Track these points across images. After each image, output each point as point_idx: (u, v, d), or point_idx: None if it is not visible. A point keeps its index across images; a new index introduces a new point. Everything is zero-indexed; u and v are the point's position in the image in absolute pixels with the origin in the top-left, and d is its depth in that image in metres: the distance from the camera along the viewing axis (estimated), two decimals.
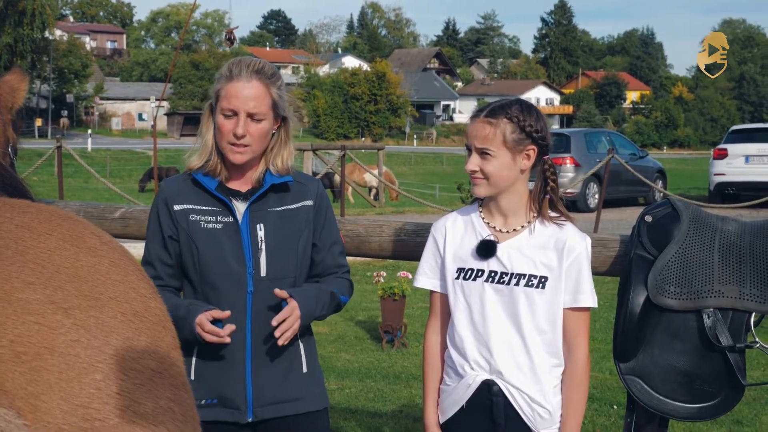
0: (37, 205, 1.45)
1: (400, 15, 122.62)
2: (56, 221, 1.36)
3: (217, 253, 2.55)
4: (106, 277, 1.29)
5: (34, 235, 1.29)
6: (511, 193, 2.52)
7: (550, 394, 2.51)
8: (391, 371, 6.71)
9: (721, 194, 19.46)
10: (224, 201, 2.58)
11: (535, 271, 2.47)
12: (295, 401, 2.60)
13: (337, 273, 2.72)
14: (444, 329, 2.65)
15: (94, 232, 1.39)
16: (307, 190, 2.68)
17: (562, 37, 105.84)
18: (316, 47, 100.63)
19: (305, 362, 2.64)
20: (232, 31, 14.86)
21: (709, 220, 2.70)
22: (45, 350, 1.13)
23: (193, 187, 2.62)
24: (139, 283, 1.34)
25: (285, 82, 2.73)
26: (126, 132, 65.63)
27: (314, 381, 2.66)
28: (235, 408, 2.55)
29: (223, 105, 2.54)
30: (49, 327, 1.16)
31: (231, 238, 2.56)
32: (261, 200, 2.61)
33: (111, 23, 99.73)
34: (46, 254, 1.26)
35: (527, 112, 2.48)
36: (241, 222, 2.58)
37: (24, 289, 1.19)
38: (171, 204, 2.60)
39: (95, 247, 1.34)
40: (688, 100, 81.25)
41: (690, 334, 2.61)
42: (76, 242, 1.32)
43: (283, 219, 2.61)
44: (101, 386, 1.15)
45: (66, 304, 1.20)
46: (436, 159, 46.49)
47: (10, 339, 1.13)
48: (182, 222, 2.58)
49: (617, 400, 5.77)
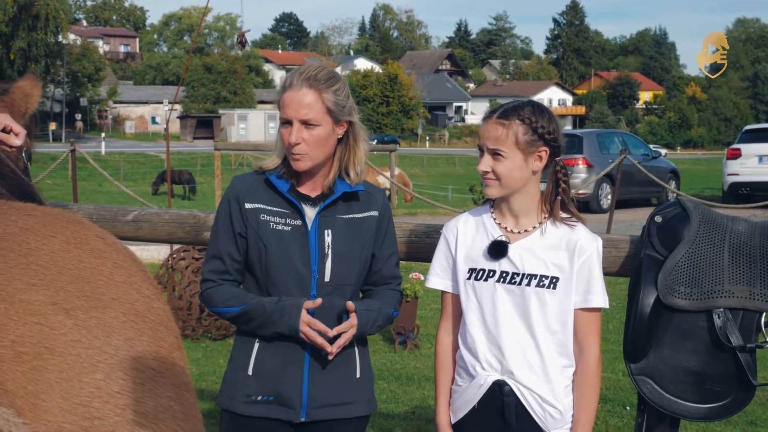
0: (43, 208, 1.47)
1: (412, 17, 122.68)
2: (61, 224, 1.38)
3: (284, 255, 2.59)
4: (108, 278, 1.30)
5: (39, 237, 1.31)
6: (522, 194, 2.52)
7: (561, 395, 2.51)
8: (403, 372, 6.72)
9: (735, 194, 19.35)
10: (295, 204, 2.62)
11: (547, 271, 2.48)
12: (346, 405, 2.64)
13: (392, 284, 2.77)
14: (456, 329, 2.66)
15: (99, 235, 1.41)
16: (374, 200, 2.72)
17: (574, 38, 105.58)
18: (328, 49, 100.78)
19: (359, 368, 2.68)
20: (244, 34, 14.95)
21: (719, 220, 2.70)
22: (46, 350, 1.15)
23: (265, 187, 2.66)
24: (142, 284, 1.35)
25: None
26: (139, 135, 65.88)
27: (365, 387, 2.71)
28: (290, 407, 2.58)
29: (281, 115, 2.62)
30: (50, 327, 1.18)
31: (299, 242, 2.59)
32: (330, 207, 2.64)
33: (124, 27, 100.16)
34: (49, 256, 1.28)
35: (539, 113, 2.49)
36: (311, 227, 2.61)
37: (27, 291, 1.21)
38: (243, 201, 2.64)
39: (99, 249, 1.36)
40: (701, 100, 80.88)
41: (700, 335, 2.61)
42: (80, 244, 1.34)
43: (350, 227, 2.65)
44: (101, 385, 1.17)
45: (68, 305, 1.22)
46: (448, 160, 46.41)
47: (12, 339, 1.14)
48: (252, 220, 2.62)
49: (630, 401, 5.76)
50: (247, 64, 73.01)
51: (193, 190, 25.60)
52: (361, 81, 67.29)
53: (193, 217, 3.39)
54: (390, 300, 2.74)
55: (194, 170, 30.99)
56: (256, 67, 77.44)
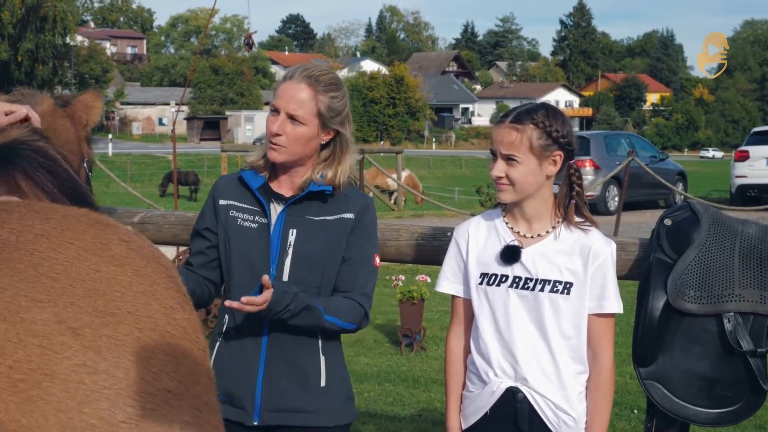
0: (66, 210, 1.38)
1: (419, 18, 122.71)
2: (81, 227, 1.29)
3: (246, 253, 2.58)
4: (126, 288, 1.21)
5: (53, 244, 1.23)
6: (536, 199, 2.50)
7: (575, 401, 2.48)
8: (410, 375, 6.71)
9: (743, 196, 19.27)
10: (262, 202, 2.61)
11: (560, 276, 2.45)
12: (306, 413, 2.55)
13: (350, 293, 2.58)
14: (467, 334, 2.63)
15: (123, 238, 1.32)
16: (351, 203, 2.64)
17: (581, 39, 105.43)
18: (334, 51, 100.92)
19: (324, 376, 2.59)
20: (251, 36, 14.94)
21: (729, 223, 2.68)
22: (45, 377, 1.06)
23: (238, 184, 2.67)
24: (165, 293, 1.26)
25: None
26: (146, 136, 66.06)
27: (332, 396, 2.59)
28: (241, 408, 2.54)
29: (272, 102, 2.61)
30: (53, 350, 1.09)
31: (261, 239, 2.58)
32: (299, 206, 2.60)
33: (131, 29, 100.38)
34: (62, 266, 1.20)
35: (553, 117, 2.46)
36: (274, 224, 2.59)
37: (31, 308, 1.12)
38: (217, 198, 2.67)
39: (120, 254, 1.26)
40: (708, 102, 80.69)
41: (710, 339, 2.59)
42: (99, 250, 1.25)
43: (319, 228, 2.59)
44: (105, 415, 1.08)
45: (76, 322, 1.13)
46: (454, 162, 46.42)
47: (9, 365, 1.06)
48: (222, 217, 2.64)
49: (638, 404, 5.73)
50: (253, 65, 73.11)
51: (195, 191, 25.64)
52: (367, 83, 67.35)
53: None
54: (337, 306, 2.54)
55: (201, 171, 31.05)
56: (262, 68, 77.51)
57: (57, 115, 2.47)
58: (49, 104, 2.46)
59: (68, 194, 1.71)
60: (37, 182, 1.65)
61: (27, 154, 1.71)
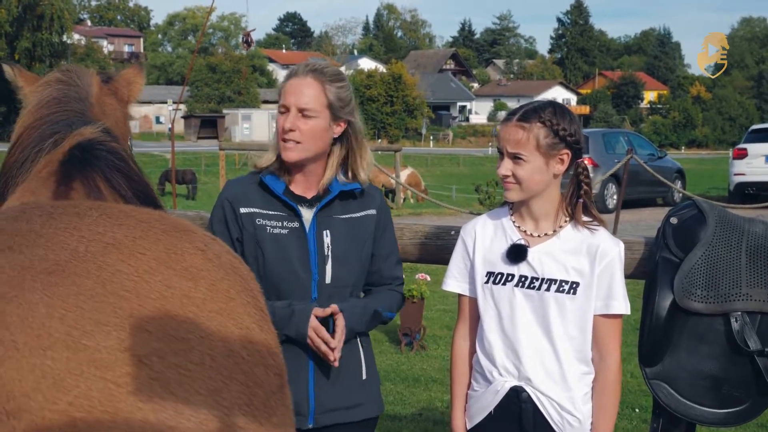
0: (140, 214, 1.28)
1: (416, 16, 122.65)
2: (155, 235, 1.19)
3: (284, 259, 2.55)
4: (200, 308, 1.11)
5: (123, 256, 1.13)
6: (543, 198, 2.48)
7: (579, 402, 2.47)
8: (410, 374, 6.69)
9: (741, 194, 19.31)
10: (291, 206, 2.58)
11: (567, 276, 2.43)
12: (354, 408, 2.61)
13: (391, 285, 2.73)
14: (473, 333, 2.62)
15: (200, 246, 1.22)
16: (372, 199, 2.68)
17: (578, 37, 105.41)
18: (332, 49, 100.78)
19: (365, 370, 2.66)
20: (248, 34, 14.94)
21: (736, 222, 2.66)
22: (106, 415, 0.95)
23: (259, 190, 2.61)
24: (242, 310, 1.17)
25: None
26: (144, 135, 65.91)
27: (372, 388, 2.68)
28: (297, 414, 2.54)
29: (279, 103, 2.58)
30: (116, 383, 0.98)
31: (298, 244, 2.56)
32: (327, 207, 2.60)
33: (128, 27, 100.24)
34: (132, 282, 1.09)
35: (561, 115, 2.43)
36: (309, 229, 2.57)
37: (95, 334, 1.01)
38: (237, 206, 2.60)
39: (195, 266, 1.17)
40: (706, 100, 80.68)
41: (717, 338, 2.57)
42: (173, 262, 1.16)
43: (348, 227, 2.61)
44: None
45: (143, 349, 1.02)
46: (452, 160, 46.40)
47: (69, 401, 0.94)
48: (248, 226, 2.58)
49: (639, 403, 5.72)
50: (251, 63, 73.00)
51: (193, 190, 25.57)
52: (365, 81, 67.26)
53: (200, 218, 3.35)
54: (384, 299, 2.69)
55: (198, 170, 30.99)
56: (260, 66, 77.43)
57: (104, 93, 2.37)
58: (98, 83, 2.36)
59: (141, 198, 1.67)
60: (114, 185, 1.61)
61: (105, 156, 1.65)
